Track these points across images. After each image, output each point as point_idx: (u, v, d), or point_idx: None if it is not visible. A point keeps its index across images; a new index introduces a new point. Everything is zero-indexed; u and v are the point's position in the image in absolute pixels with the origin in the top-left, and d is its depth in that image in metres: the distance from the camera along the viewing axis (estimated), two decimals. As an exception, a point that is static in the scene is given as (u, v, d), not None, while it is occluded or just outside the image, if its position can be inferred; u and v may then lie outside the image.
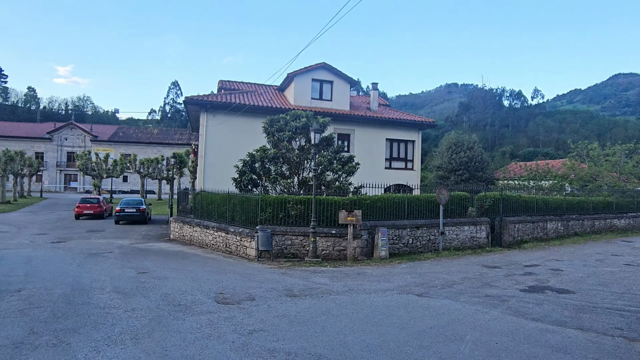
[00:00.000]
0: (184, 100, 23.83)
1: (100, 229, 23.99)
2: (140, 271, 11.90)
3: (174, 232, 20.53)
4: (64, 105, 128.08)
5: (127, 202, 27.83)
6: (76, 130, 74.35)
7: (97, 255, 14.98)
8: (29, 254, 15.20)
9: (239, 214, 16.83)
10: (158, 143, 76.32)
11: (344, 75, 27.11)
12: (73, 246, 17.44)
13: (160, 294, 8.97)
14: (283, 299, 8.93)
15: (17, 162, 41.49)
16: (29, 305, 7.67)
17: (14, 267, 12.17)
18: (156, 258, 14.82)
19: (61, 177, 73.07)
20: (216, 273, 12.02)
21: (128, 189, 70.32)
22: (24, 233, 22.01)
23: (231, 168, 18.95)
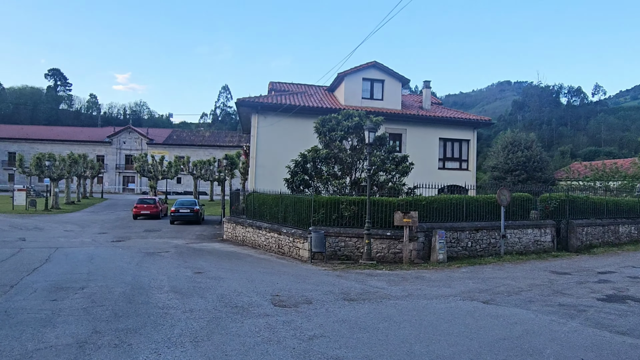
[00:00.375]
0: (235, 102, 24.09)
1: (156, 229, 24.67)
2: (196, 271, 11.95)
3: (227, 232, 20.73)
4: (123, 111, 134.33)
5: (182, 203, 28.52)
6: (133, 134, 77.64)
7: (154, 255, 15.27)
8: (91, 252, 15.74)
9: (291, 214, 16.70)
10: (210, 145, 78.31)
11: (395, 74, 26.49)
12: (132, 245, 17.94)
13: (216, 295, 8.88)
14: (340, 302, 8.60)
15: (80, 165, 43.69)
16: (92, 304, 7.76)
17: (77, 265, 12.57)
18: (211, 258, 14.92)
19: (120, 178, 76.51)
20: (270, 274, 11.88)
21: (181, 190, 72.61)
22: (87, 232, 22.97)
23: (282, 169, 18.92)
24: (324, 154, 17.52)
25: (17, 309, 7.28)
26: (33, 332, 6.06)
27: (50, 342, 5.65)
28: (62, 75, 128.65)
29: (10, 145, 71.84)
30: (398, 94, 26.80)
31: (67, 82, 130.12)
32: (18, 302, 7.79)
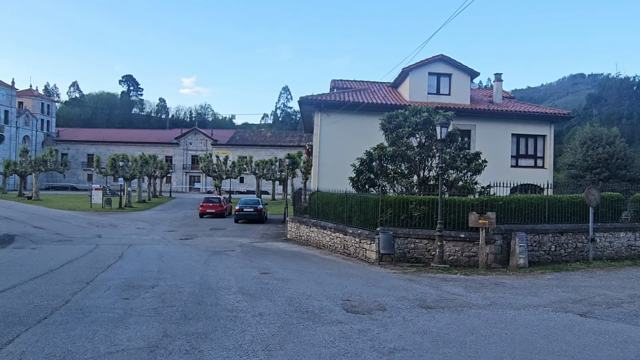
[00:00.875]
0: (298, 100, 23.93)
1: (221, 227, 25.05)
2: (263, 271, 11.72)
3: (291, 232, 20.56)
4: (189, 113, 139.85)
5: (246, 202, 28.84)
6: (199, 135, 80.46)
7: (220, 254, 15.31)
8: (160, 250, 16.07)
9: (356, 214, 16.17)
10: (271, 145, 79.53)
11: (464, 67, 25.16)
12: (198, 243, 18.18)
13: (285, 298, 8.52)
14: (417, 310, 7.94)
15: (150, 165, 45.71)
16: (162, 304, 7.65)
17: (148, 263, 12.78)
18: (276, 258, 14.71)
19: (187, 178, 79.58)
20: (338, 276, 11.41)
21: (244, 189, 74.24)
22: (157, 230, 23.73)
23: (345, 167, 18.44)
24: (390, 152, 16.81)
25: (92, 307, 7.30)
26: (105, 332, 5.95)
27: (122, 344, 5.49)
28: (135, 81, 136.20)
29: (89, 148, 76.88)
30: (466, 88, 25.45)
31: (138, 87, 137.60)
32: (93, 300, 7.84)
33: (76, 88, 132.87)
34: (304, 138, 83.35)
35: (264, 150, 76.88)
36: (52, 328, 6.08)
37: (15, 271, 10.92)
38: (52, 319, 6.55)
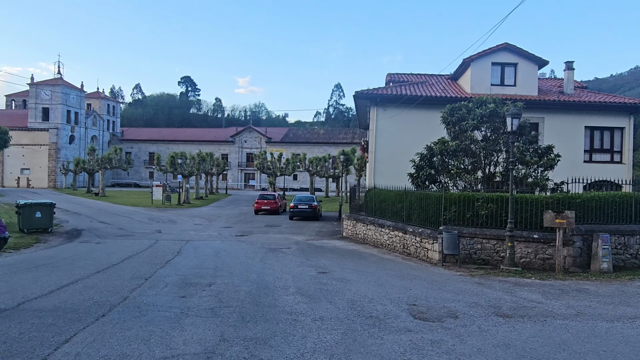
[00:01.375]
0: (353, 95, 23.29)
1: (276, 224, 24.94)
2: (320, 271, 11.27)
3: (347, 229, 20.02)
4: (244, 112, 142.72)
5: (300, 199, 28.62)
6: (253, 133, 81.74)
7: (276, 251, 15.05)
8: (217, 246, 16.05)
9: (416, 212, 15.38)
10: (324, 142, 79.38)
11: (531, 55, 23.49)
12: (254, 240, 18.07)
13: (346, 301, 7.99)
14: (493, 319, 7.16)
15: (207, 163, 46.75)
16: (219, 304, 7.35)
17: (205, 259, 12.69)
18: (333, 257, 14.23)
19: (242, 175, 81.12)
20: (400, 278, 10.74)
21: (297, 186, 74.57)
22: (213, 226, 23.99)
23: (402, 164, 17.66)
24: (453, 146, 15.85)
25: (149, 305, 7.12)
26: (161, 334, 5.68)
27: (178, 348, 5.18)
28: (192, 81, 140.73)
29: (151, 146, 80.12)
30: (534, 78, 23.77)
31: (196, 87, 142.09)
32: (150, 297, 7.68)
33: (139, 90, 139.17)
34: (357, 135, 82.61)
35: (317, 148, 76.84)
36: (109, 327, 5.89)
37: (79, 265, 11.12)
38: (109, 316, 6.39)
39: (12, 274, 9.54)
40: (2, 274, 9.49)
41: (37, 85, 69.39)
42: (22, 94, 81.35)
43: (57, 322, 5.98)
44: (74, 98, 71.45)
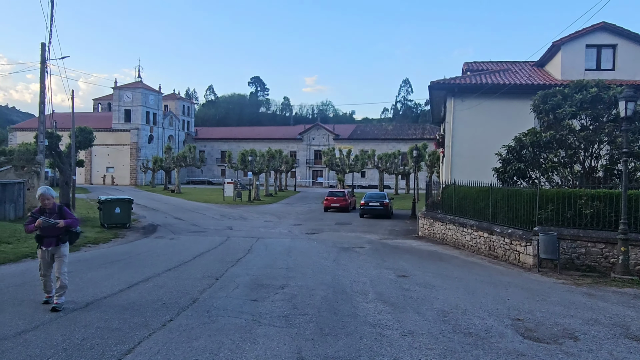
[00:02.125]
0: (429, 85, 21.89)
1: (347, 222, 24.16)
2: (400, 274, 10.27)
3: (423, 228, 18.77)
4: (311, 110, 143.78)
5: (371, 196, 27.62)
6: (321, 131, 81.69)
7: (349, 250, 14.24)
8: (288, 244, 15.54)
9: (503, 210, 13.87)
10: (392, 139, 77.60)
11: (633, 35, 20.78)
12: (325, 238, 17.38)
13: (435, 311, 6.97)
14: (624, 342, 5.82)
15: (277, 160, 47.05)
16: (293, 311, 6.64)
17: (276, 258, 12.14)
18: (411, 258, 13.15)
19: (310, 172, 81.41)
20: (491, 285, 9.48)
21: (366, 183, 73.47)
22: (283, 223, 23.67)
23: (482, 158, 16.15)
24: (547, 137, 14.12)
25: (219, 309, 6.55)
26: (231, 347, 5.03)
27: (250, 366, 4.48)
28: (262, 81, 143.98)
29: (222, 145, 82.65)
30: (636, 61, 21.01)
31: (265, 87, 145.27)
32: (220, 300, 7.13)
33: (212, 91, 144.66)
34: (427, 130, 79.85)
35: (385, 144, 75.19)
36: (176, 335, 5.35)
37: (152, 262, 10.98)
38: (177, 322, 5.87)
39: (87, 270, 9.49)
40: (79, 269, 9.45)
41: (120, 88, 73.89)
42: (107, 98, 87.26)
43: (122, 326, 5.54)
44: (152, 100, 75.31)
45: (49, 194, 6.75)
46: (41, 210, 6.70)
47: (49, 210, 6.72)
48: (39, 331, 5.27)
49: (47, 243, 6.75)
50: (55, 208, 6.84)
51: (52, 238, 6.80)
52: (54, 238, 6.81)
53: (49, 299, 6.55)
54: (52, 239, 6.79)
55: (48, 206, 6.71)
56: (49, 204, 6.72)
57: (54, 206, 6.85)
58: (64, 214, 6.96)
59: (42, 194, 6.73)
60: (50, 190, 6.93)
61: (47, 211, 6.71)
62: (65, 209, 7.09)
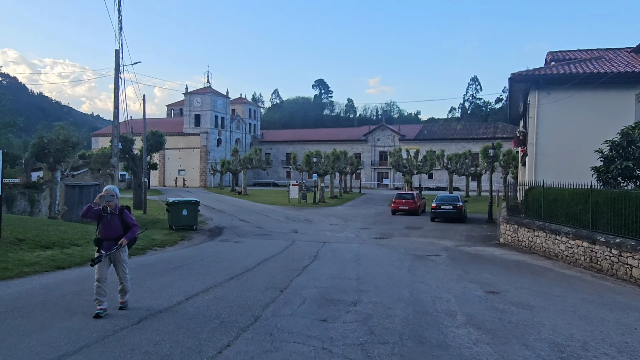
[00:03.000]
0: (509, 77, 19.95)
1: (417, 226, 22.70)
2: (488, 289, 8.90)
3: (505, 235, 16.96)
4: (375, 112, 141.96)
5: (443, 199, 25.90)
6: (386, 131, 79.86)
7: (424, 258, 12.94)
8: (356, 250, 14.51)
9: (606, 216, 11.94)
10: (462, 139, 74.19)
11: None
12: (396, 244, 16.16)
13: (546, 343, 5.63)
14: None
15: (341, 161, 46.18)
16: (370, 337, 5.59)
17: (345, 267, 11.15)
18: (496, 269, 11.63)
19: (375, 174, 79.82)
20: (605, 307, 7.85)
21: (433, 185, 70.76)
22: (350, 226, 22.67)
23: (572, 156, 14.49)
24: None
25: (283, 332, 5.65)
26: (299, 387, 4.08)
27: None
28: (325, 84, 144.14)
29: (287, 147, 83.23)
30: None
31: (329, 90, 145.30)
32: (285, 319, 6.24)
33: (277, 95, 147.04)
34: (499, 129, 75.40)
35: (454, 144, 71.95)
36: (233, 366, 4.50)
37: (214, 269, 10.39)
38: (234, 348, 5.03)
39: (148, 277, 9.03)
40: (140, 276, 9.02)
41: (190, 94, 76.60)
42: (179, 104, 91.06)
43: (172, 352, 4.78)
44: (220, 104, 77.39)
45: (112, 190, 6.59)
46: (103, 208, 6.51)
47: (110, 210, 6.53)
48: (81, 355, 4.63)
49: (106, 247, 6.45)
50: (117, 209, 6.62)
51: (111, 242, 6.48)
52: (113, 242, 6.48)
53: (100, 312, 6.13)
54: (111, 242, 6.47)
55: (110, 206, 6.52)
56: (113, 202, 6.52)
57: (116, 207, 6.61)
58: (125, 217, 6.66)
59: (107, 189, 6.63)
60: (115, 188, 6.74)
61: (109, 210, 6.52)
62: (126, 212, 6.78)
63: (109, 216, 6.51)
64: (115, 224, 6.55)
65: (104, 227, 6.50)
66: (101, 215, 6.53)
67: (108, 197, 6.46)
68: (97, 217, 6.52)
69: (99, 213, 6.55)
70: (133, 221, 6.79)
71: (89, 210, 6.54)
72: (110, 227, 6.51)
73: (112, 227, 6.52)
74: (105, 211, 6.52)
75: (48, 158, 17.81)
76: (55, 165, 18.02)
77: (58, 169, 18.23)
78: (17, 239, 11.38)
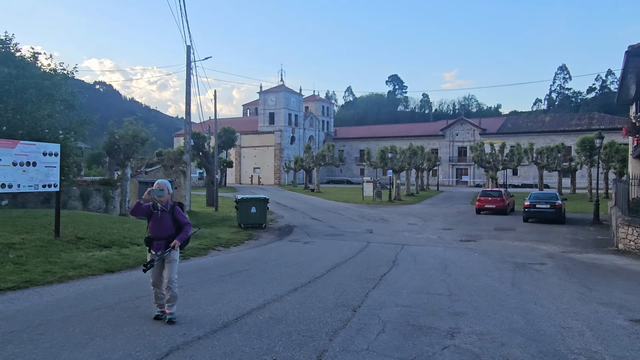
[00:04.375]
0: (626, 51, 16.61)
1: (509, 228, 20.02)
2: (631, 317, 6.64)
3: (626, 239, 14.01)
4: (452, 106, 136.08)
5: (537, 197, 22.81)
6: (466, 125, 75.39)
7: (526, 268, 10.70)
8: (441, 254, 12.53)
9: None
10: (551, 131, 68.03)
11: None
12: (487, 249, 13.91)
13: None
14: None
15: (418, 156, 43.60)
16: (487, 398, 3.79)
17: (431, 277, 9.29)
18: (628, 286, 9.11)
19: (453, 171, 75.68)
20: None
21: (518, 182, 65.55)
22: (430, 227, 20.55)
23: None
24: None
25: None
26: None
27: None
28: (399, 80, 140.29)
29: (361, 144, 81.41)
30: None
31: (403, 85, 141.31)
32: (359, 357, 4.61)
33: (350, 92, 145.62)
34: (595, 120, 68.03)
35: (542, 138, 65.99)
36: None
37: (277, 275, 9.02)
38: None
39: (200, 286, 7.83)
40: (192, 283, 7.89)
41: (264, 93, 77.36)
42: (254, 103, 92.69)
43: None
44: (294, 102, 77.39)
45: (163, 184, 5.83)
46: (153, 205, 5.85)
47: (161, 206, 5.83)
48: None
49: (156, 247, 5.75)
50: (168, 205, 5.89)
51: (161, 241, 5.76)
52: (164, 241, 5.76)
53: (160, 314, 5.74)
54: (162, 242, 5.75)
55: (161, 201, 5.82)
56: (163, 197, 5.80)
57: (167, 203, 5.89)
58: (176, 215, 5.89)
59: (158, 183, 5.85)
60: (167, 182, 5.97)
61: (159, 206, 5.83)
62: (177, 209, 5.97)
63: (159, 213, 5.79)
64: (166, 221, 5.81)
65: (154, 225, 5.80)
66: (151, 212, 5.83)
67: (157, 191, 5.74)
68: (147, 214, 5.82)
69: (148, 210, 5.83)
70: (185, 219, 5.95)
71: (138, 207, 5.80)
72: (160, 225, 5.79)
73: (163, 225, 5.80)
74: (155, 207, 5.82)
75: (119, 154, 17.64)
76: (125, 162, 17.81)
77: (128, 165, 18.03)
78: (77, 237, 10.81)
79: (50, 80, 17.20)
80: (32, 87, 16.41)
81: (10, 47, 17.77)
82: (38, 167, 9.86)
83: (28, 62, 17.32)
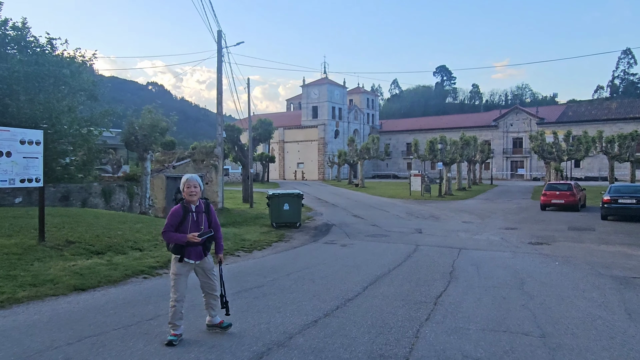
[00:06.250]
0: None
1: (586, 227, 16.89)
2: None
3: None
4: (504, 96, 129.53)
5: (619, 190, 19.37)
6: (521, 115, 70.44)
7: (632, 284, 7.97)
8: (511, 263, 9.94)
9: None
10: (618, 119, 62.24)
11: None
12: (568, 255, 11.13)
13: None
14: None
15: (471, 147, 40.24)
16: None
17: (506, 299, 6.81)
18: None
19: (507, 163, 70.98)
20: None
21: (581, 175, 60.20)
22: (489, 225, 17.75)
23: None
24: None
25: None
26: None
27: None
28: (448, 71, 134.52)
29: (408, 137, 77.91)
30: None
31: (451, 76, 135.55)
32: None
33: (396, 85, 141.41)
34: (670, 105, 61.53)
35: (609, 126, 60.27)
36: None
37: (296, 296, 6.86)
38: None
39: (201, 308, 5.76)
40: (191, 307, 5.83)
41: (307, 86, 75.50)
42: (297, 98, 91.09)
43: None
44: (337, 95, 75.06)
45: (195, 180, 4.93)
46: (184, 207, 4.89)
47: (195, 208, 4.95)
48: None
49: (195, 254, 4.88)
50: (202, 205, 5.04)
51: (198, 246, 4.89)
52: (201, 246, 4.93)
53: (173, 339, 4.63)
54: (199, 247, 4.91)
55: (193, 200, 4.91)
56: (195, 195, 4.89)
57: (200, 203, 5.02)
58: (211, 214, 5.09)
59: (188, 179, 4.93)
60: (198, 177, 5.07)
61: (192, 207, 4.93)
62: (212, 208, 5.21)
63: (194, 215, 4.93)
64: (204, 223, 4.98)
65: (192, 230, 4.85)
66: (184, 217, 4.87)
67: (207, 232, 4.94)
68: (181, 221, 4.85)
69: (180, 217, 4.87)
70: (217, 219, 5.23)
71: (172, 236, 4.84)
72: (198, 228, 4.90)
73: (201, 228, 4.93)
74: (189, 209, 4.92)
75: (138, 147, 16.10)
76: (144, 154, 16.24)
77: (147, 158, 16.44)
78: (67, 242, 9.11)
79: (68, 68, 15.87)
80: (46, 74, 15.10)
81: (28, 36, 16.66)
82: (14, 157, 8.19)
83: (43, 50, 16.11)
